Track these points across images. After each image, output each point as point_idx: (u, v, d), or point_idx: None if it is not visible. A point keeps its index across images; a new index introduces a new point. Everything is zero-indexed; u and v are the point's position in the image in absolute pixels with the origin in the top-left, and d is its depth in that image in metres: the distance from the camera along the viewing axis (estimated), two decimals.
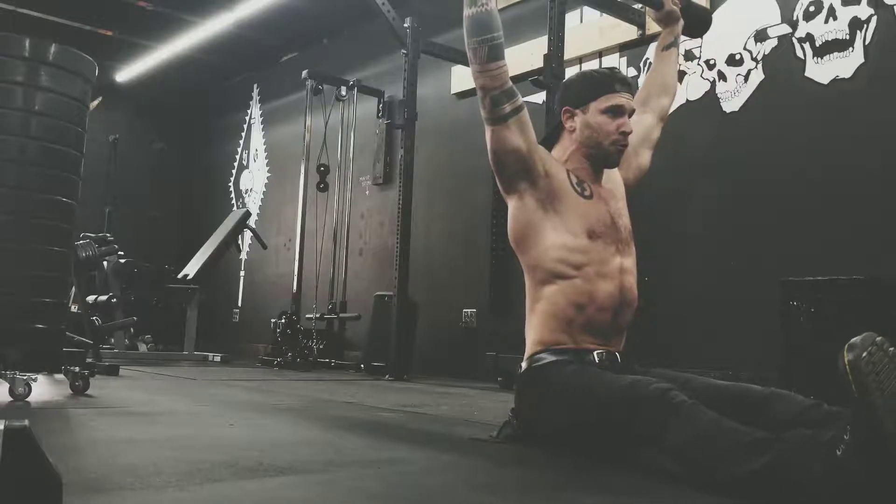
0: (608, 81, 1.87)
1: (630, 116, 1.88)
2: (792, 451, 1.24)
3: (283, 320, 5.60)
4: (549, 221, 1.82)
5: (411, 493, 1.31)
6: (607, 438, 1.60)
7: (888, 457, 1.15)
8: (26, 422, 0.88)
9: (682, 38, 2.28)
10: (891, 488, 1.16)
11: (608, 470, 1.53)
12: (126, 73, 7.76)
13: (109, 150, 6.84)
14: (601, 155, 1.88)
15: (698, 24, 2.37)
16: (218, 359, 5.75)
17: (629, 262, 1.88)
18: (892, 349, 1.18)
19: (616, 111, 1.85)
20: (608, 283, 1.81)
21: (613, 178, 1.98)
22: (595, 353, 1.78)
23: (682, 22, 2.23)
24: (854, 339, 1.19)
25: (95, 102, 3.33)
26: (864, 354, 1.16)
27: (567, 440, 1.70)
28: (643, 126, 2.08)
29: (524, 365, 1.84)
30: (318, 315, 5.75)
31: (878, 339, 1.18)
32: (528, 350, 1.84)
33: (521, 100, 1.82)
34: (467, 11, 1.75)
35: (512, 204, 1.87)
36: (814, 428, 1.32)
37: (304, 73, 5.89)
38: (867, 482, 1.17)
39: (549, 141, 1.95)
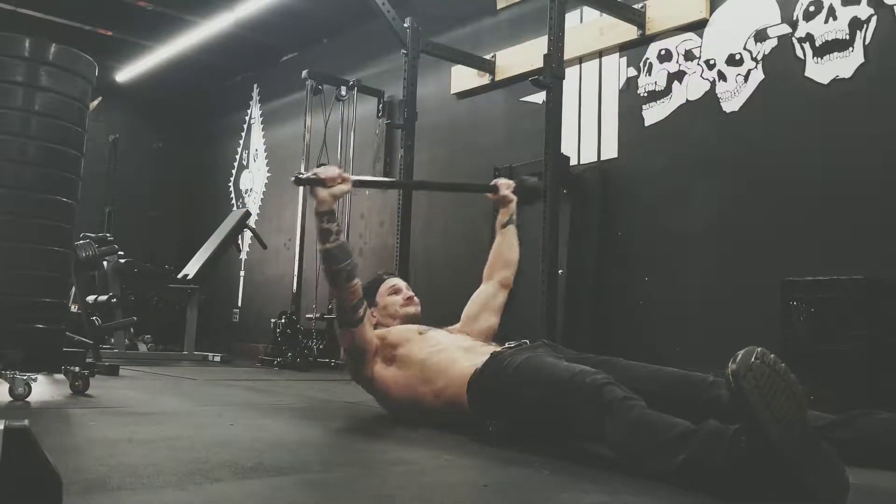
0: (378, 278, 2.54)
1: (408, 289, 2.51)
2: (704, 445, 1.34)
3: (282, 320, 5.60)
4: (399, 359, 2.23)
5: (412, 493, 1.31)
6: (553, 432, 1.80)
7: (780, 456, 1.22)
8: (26, 422, 0.88)
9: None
10: (791, 479, 1.23)
11: (608, 470, 1.53)
12: (126, 73, 7.76)
13: (109, 150, 6.83)
14: (403, 318, 2.42)
15: (530, 195, 2.74)
16: (218, 359, 5.74)
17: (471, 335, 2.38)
18: (772, 358, 1.27)
19: (394, 290, 2.48)
20: (457, 336, 2.31)
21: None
22: (506, 345, 2.10)
23: (514, 201, 2.62)
24: (736, 354, 1.28)
25: (95, 102, 3.33)
26: (745, 372, 1.24)
27: (520, 433, 1.87)
28: (483, 295, 2.57)
29: (469, 386, 2.00)
30: (317, 315, 5.74)
31: (758, 351, 1.27)
32: (463, 392, 2.01)
33: (364, 300, 2.23)
34: (322, 246, 2.14)
35: (375, 381, 2.25)
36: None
37: (304, 73, 5.88)
38: (768, 481, 1.26)
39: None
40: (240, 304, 7.54)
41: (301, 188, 2.27)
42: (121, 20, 6.66)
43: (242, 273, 7.55)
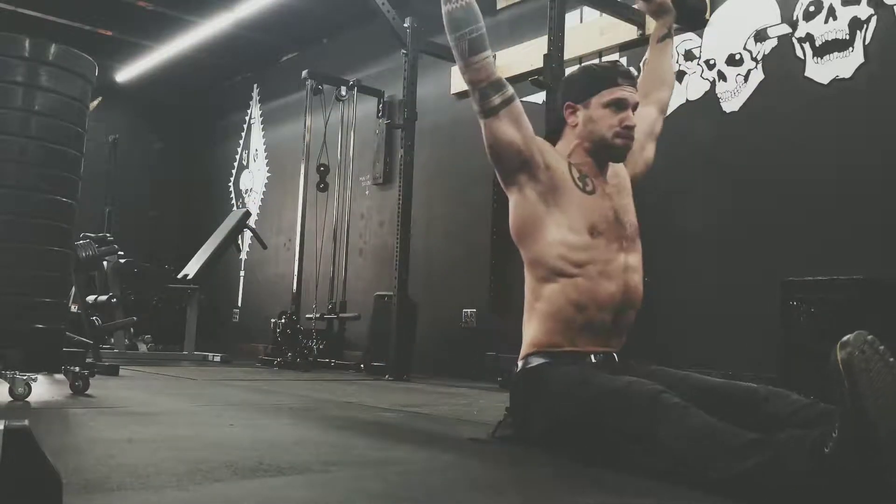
0: (610, 75, 1.85)
1: (634, 110, 1.85)
2: (781, 451, 1.25)
3: (283, 320, 5.60)
4: (551, 216, 1.79)
5: (411, 493, 1.31)
6: (599, 438, 1.59)
7: (875, 450, 1.15)
8: (26, 422, 0.88)
9: (682, 30, 2.25)
10: (878, 485, 1.16)
11: (608, 470, 1.52)
12: (126, 73, 7.76)
13: (109, 150, 6.83)
14: (605, 150, 1.86)
15: (693, 14, 2.34)
16: (218, 359, 5.74)
17: (634, 259, 1.85)
18: (882, 347, 1.19)
19: (619, 105, 1.83)
20: (611, 282, 1.78)
21: (619, 174, 1.95)
22: (592, 355, 1.77)
23: (674, 13, 2.18)
24: (847, 336, 1.19)
25: (95, 102, 3.33)
26: (857, 353, 1.16)
27: (560, 439, 1.68)
28: (646, 120, 2.05)
29: (520, 364, 1.83)
30: (318, 315, 5.74)
31: (870, 337, 1.19)
32: (525, 350, 1.82)
33: (512, 91, 1.80)
34: (445, 8, 1.75)
35: (512, 198, 1.84)
36: (807, 427, 1.33)
37: (304, 73, 5.88)
38: (854, 480, 1.17)
39: (551, 137, 1.94)
40: (240, 304, 7.54)
41: None
42: (121, 20, 6.66)
43: (242, 273, 7.55)
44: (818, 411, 1.43)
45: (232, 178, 7.98)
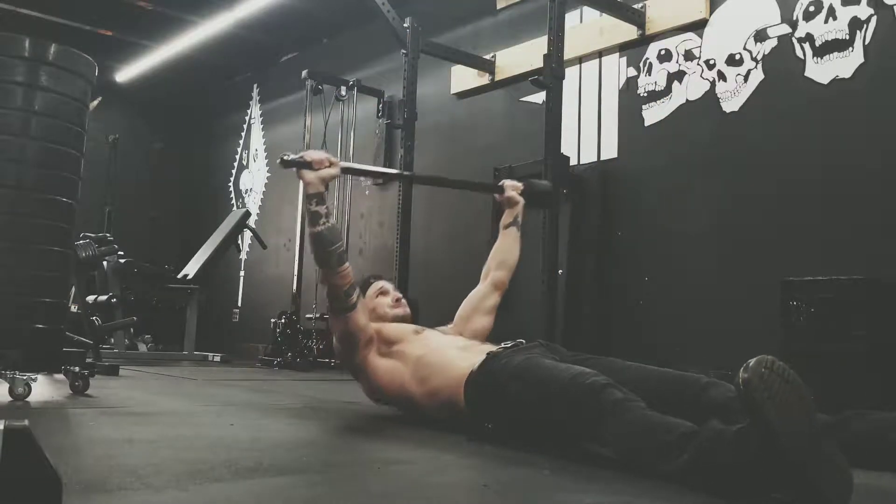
0: (366, 281, 2.52)
1: (395, 290, 2.51)
2: (708, 445, 1.35)
3: (282, 320, 5.60)
4: (394, 354, 2.23)
5: (411, 493, 1.31)
6: (552, 435, 1.77)
7: (787, 458, 1.24)
8: (26, 422, 0.88)
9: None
10: (796, 480, 1.24)
11: (608, 470, 1.53)
12: (126, 73, 7.76)
13: (109, 150, 6.84)
14: (392, 320, 2.39)
15: (541, 199, 2.66)
16: (218, 359, 5.74)
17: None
18: (779, 365, 1.28)
19: (383, 292, 2.48)
20: (452, 337, 2.31)
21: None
22: (502, 346, 2.06)
23: (522, 203, 2.58)
24: (748, 362, 1.29)
25: (95, 102, 3.33)
26: (757, 381, 1.25)
27: (518, 434, 1.86)
28: (476, 296, 2.56)
29: (464, 390, 1.99)
30: (317, 315, 5.74)
31: (768, 360, 1.28)
32: (450, 396, 2.03)
33: (357, 287, 2.23)
34: (313, 229, 2.09)
35: (365, 370, 2.25)
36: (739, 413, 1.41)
37: (304, 73, 5.88)
38: (774, 475, 1.27)
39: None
40: (240, 304, 7.54)
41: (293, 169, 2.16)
42: (121, 20, 6.66)
43: (242, 273, 7.55)
44: None
45: (232, 178, 7.98)
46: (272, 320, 5.76)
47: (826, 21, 3.44)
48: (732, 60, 3.79)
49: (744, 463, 1.29)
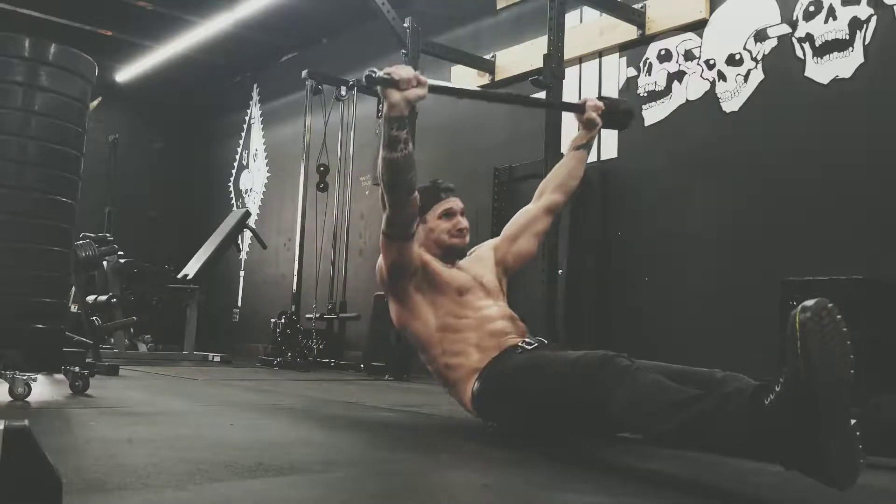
0: (435, 193, 2.26)
1: (462, 214, 2.26)
2: (723, 401, 1.32)
3: (283, 320, 5.60)
4: (429, 298, 2.12)
5: (411, 493, 1.31)
6: (558, 410, 1.75)
7: (815, 413, 1.20)
8: (26, 422, 0.88)
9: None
10: (809, 443, 1.21)
11: (608, 471, 1.53)
12: (126, 73, 7.76)
13: (109, 150, 6.83)
14: (446, 249, 2.22)
15: (621, 120, 2.48)
16: (218, 359, 5.74)
17: (501, 303, 2.20)
18: (839, 316, 1.25)
19: (448, 214, 2.24)
20: (486, 310, 2.11)
21: (480, 255, 2.33)
22: (522, 342, 1.99)
23: (600, 125, 2.42)
24: (808, 301, 1.26)
25: (95, 102, 3.33)
26: (815, 317, 1.23)
27: (530, 426, 1.86)
28: (526, 217, 2.39)
29: (469, 395, 1.98)
30: (317, 315, 5.74)
31: (830, 304, 1.25)
32: (466, 386, 1.99)
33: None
34: (390, 155, 1.94)
35: (398, 299, 2.15)
36: None
37: (304, 73, 5.88)
38: (788, 434, 1.23)
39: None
40: (240, 304, 7.54)
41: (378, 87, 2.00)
42: (121, 20, 6.66)
43: (242, 273, 7.55)
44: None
45: (232, 178, 7.99)
46: (272, 320, 5.76)
47: (826, 21, 3.44)
48: (732, 60, 3.79)
49: (758, 417, 1.24)
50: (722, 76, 3.83)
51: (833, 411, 1.20)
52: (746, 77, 3.73)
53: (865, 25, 3.32)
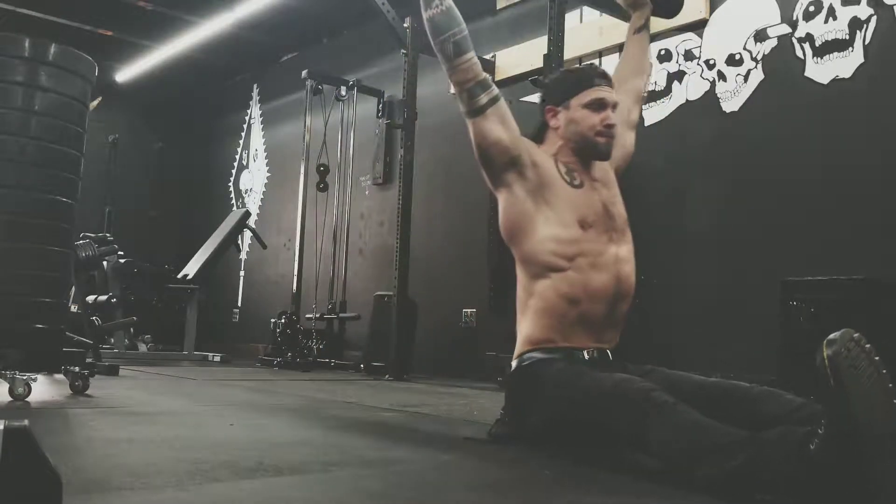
0: (587, 77, 1.90)
1: (613, 109, 1.88)
2: (767, 448, 1.25)
3: (282, 320, 5.60)
4: (540, 213, 1.81)
5: (411, 493, 1.31)
6: (591, 436, 1.60)
7: (859, 447, 1.16)
8: (26, 422, 0.88)
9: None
10: (860, 483, 1.17)
11: (608, 470, 1.52)
12: (126, 73, 7.76)
13: (109, 150, 6.84)
14: (588, 148, 1.88)
15: (670, 3, 2.37)
16: (218, 359, 5.74)
17: (625, 250, 1.86)
18: (868, 345, 1.20)
19: (598, 105, 1.86)
20: (602, 273, 1.78)
21: (604, 167, 1.96)
22: (585, 351, 1.78)
23: (650, 5, 2.25)
24: (833, 334, 1.20)
25: (95, 102, 3.33)
26: (843, 350, 1.18)
27: (554, 436, 1.70)
28: (620, 109, 2.01)
29: (514, 363, 1.84)
30: (317, 315, 5.74)
31: (856, 335, 1.20)
32: (519, 348, 1.83)
33: (497, 90, 1.83)
34: (426, 14, 1.78)
35: (501, 197, 1.86)
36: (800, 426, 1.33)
37: (304, 73, 5.88)
38: (837, 477, 1.18)
39: (535, 141, 1.96)
40: (240, 304, 7.54)
41: None
42: (121, 20, 6.66)
43: (242, 273, 7.54)
44: (811, 412, 1.42)
45: (232, 178, 7.98)
46: (272, 320, 5.76)
47: (826, 21, 3.44)
48: (732, 60, 3.79)
49: (807, 464, 1.19)
50: (722, 76, 3.83)
51: (879, 447, 1.16)
52: (746, 77, 3.73)
53: (865, 25, 3.32)
